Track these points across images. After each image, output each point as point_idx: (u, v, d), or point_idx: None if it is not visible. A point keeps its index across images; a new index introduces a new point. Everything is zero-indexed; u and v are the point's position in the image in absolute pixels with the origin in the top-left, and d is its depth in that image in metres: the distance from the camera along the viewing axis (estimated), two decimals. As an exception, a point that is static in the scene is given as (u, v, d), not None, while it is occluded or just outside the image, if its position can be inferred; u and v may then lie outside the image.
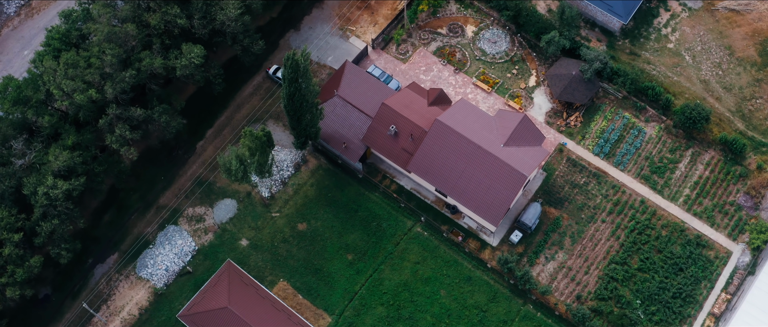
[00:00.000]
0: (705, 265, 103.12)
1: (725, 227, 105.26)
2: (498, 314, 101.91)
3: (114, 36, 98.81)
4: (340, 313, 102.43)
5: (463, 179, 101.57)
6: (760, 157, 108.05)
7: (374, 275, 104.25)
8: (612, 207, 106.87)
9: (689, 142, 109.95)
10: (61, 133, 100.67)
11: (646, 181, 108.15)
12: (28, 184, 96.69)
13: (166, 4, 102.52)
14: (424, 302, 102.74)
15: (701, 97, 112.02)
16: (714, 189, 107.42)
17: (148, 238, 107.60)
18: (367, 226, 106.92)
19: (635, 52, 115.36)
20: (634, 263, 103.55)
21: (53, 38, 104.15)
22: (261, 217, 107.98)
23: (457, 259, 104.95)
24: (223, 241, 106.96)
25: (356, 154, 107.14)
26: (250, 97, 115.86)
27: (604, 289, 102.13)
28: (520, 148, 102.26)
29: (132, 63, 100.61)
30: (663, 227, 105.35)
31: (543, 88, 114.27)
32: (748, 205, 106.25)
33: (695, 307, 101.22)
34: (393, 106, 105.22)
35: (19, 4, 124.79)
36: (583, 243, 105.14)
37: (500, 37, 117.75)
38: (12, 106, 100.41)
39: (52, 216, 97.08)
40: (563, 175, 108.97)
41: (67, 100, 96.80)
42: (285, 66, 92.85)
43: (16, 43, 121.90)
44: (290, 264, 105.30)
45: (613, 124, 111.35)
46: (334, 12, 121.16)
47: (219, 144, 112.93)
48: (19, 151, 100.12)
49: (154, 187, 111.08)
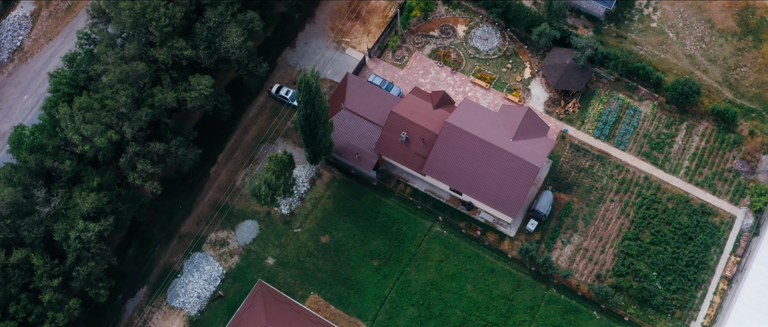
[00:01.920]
0: (712, 231, 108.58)
1: (726, 193, 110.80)
2: (524, 301, 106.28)
3: (125, 76, 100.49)
4: (373, 318, 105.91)
5: (477, 177, 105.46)
6: (750, 122, 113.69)
7: (401, 278, 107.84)
8: (618, 186, 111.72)
9: (683, 116, 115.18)
10: (83, 175, 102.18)
11: (647, 157, 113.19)
12: (58, 231, 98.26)
13: (171, 38, 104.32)
14: (453, 298, 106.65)
15: (689, 72, 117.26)
16: (711, 158, 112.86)
17: (176, 268, 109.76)
18: (387, 231, 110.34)
19: (621, 34, 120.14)
20: (646, 237, 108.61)
21: (61, 83, 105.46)
22: (283, 235, 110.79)
23: (479, 253, 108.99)
24: (249, 262, 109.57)
25: (370, 163, 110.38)
26: (256, 117, 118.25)
27: (621, 265, 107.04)
28: (528, 140, 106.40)
29: (144, 100, 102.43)
30: (668, 200, 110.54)
31: (538, 78, 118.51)
32: (745, 170, 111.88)
33: (708, 273, 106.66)
34: (401, 113, 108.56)
35: (11, 50, 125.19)
36: (595, 224, 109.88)
37: (491, 33, 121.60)
38: (29, 155, 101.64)
39: (87, 258, 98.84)
40: (568, 161, 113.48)
41: (88, 144, 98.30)
42: (299, 89, 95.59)
43: (13, 89, 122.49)
44: (318, 276, 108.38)
45: (609, 107, 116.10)
46: (327, 25, 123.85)
47: (232, 167, 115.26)
48: (42, 198, 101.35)
49: (174, 217, 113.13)
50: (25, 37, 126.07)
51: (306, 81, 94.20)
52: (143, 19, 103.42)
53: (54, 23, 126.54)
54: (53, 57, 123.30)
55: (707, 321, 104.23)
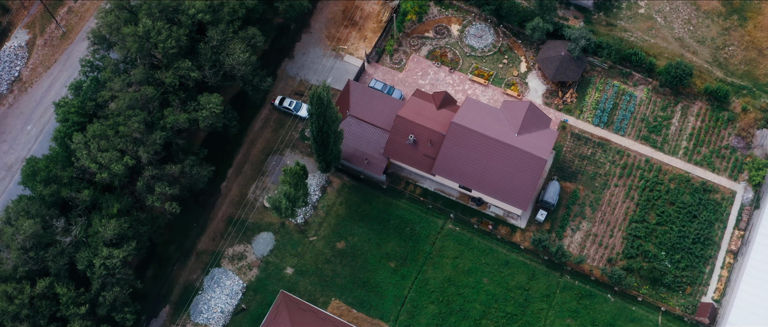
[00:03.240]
0: (714, 207, 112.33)
1: (725, 170, 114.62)
2: (540, 290, 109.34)
3: (135, 101, 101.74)
4: (395, 318, 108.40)
5: (487, 173, 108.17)
6: (742, 99, 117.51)
7: (419, 277, 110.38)
8: (621, 171, 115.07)
9: (677, 98, 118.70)
10: (100, 202, 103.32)
11: (646, 141, 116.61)
12: (81, 259, 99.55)
13: (176, 60, 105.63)
14: (471, 293, 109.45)
15: (679, 54, 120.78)
16: (708, 137, 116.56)
17: (196, 285, 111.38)
18: (401, 232, 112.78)
19: (611, 22, 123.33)
20: (652, 219, 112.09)
21: (69, 113, 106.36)
22: (300, 244, 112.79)
23: (492, 246, 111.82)
24: (269, 274, 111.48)
25: (380, 168, 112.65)
26: (262, 130, 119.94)
27: (630, 247, 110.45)
28: (533, 133, 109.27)
29: (156, 123, 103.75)
30: (670, 181, 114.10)
31: (535, 71, 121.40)
32: (740, 146, 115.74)
33: (714, 248, 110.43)
34: (407, 117, 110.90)
35: (9, 81, 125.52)
36: (602, 209, 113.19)
37: (485, 30, 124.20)
38: (44, 187, 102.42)
39: (111, 284, 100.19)
40: (570, 150, 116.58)
41: (105, 171, 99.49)
42: (311, 103, 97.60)
43: (16, 120, 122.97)
44: (338, 282, 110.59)
45: (605, 94, 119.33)
46: (323, 34, 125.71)
47: (242, 182, 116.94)
48: (61, 228, 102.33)
49: (189, 235, 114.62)
50: (22, 67, 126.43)
51: (318, 94, 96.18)
52: (147, 44, 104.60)
53: (50, 51, 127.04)
54: (53, 85, 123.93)
55: (717, 295, 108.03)
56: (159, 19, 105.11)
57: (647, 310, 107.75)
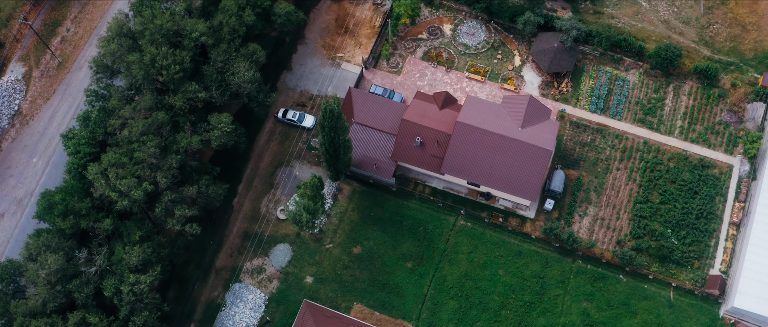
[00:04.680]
0: (714, 182, 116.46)
1: (721, 145, 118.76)
2: (554, 277, 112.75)
3: (147, 128, 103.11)
4: (417, 317, 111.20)
5: (495, 168, 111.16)
6: (731, 75, 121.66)
7: (436, 274, 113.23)
8: (621, 154, 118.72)
9: (668, 79, 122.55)
10: (121, 230, 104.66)
11: (642, 123, 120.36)
12: (108, 287, 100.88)
13: (183, 83, 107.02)
14: (488, 285, 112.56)
15: (666, 36, 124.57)
16: (701, 114, 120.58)
17: (218, 302, 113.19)
18: (415, 232, 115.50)
19: (598, 10, 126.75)
20: (655, 198, 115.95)
21: (80, 144, 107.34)
22: (317, 252, 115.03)
23: (504, 238, 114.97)
24: (289, 285, 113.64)
25: (389, 172, 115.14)
26: (268, 143, 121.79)
27: (637, 228, 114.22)
28: (535, 126, 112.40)
29: (169, 147, 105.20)
30: (669, 160, 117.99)
31: (529, 64, 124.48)
32: (733, 121, 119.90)
33: (717, 222, 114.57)
34: (412, 119, 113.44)
35: (10, 115, 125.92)
36: (607, 193, 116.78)
37: (476, 28, 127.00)
38: (63, 220, 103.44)
39: (140, 309, 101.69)
40: (571, 138, 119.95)
41: (125, 199, 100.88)
42: (323, 116, 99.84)
43: (20, 153, 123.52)
44: (358, 286, 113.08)
45: (599, 81, 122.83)
46: (318, 44, 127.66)
47: (253, 196, 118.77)
48: (84, 258, 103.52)
49: (207, 253, 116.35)
50: (21, 100, 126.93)
51: (330, 108, 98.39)
52: (153, 69, 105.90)
53: (48, 82, 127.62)
54: (54, 116, 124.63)
55: (724, 266, 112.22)
56: (162, 45, 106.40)
57: (659, 286, 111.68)
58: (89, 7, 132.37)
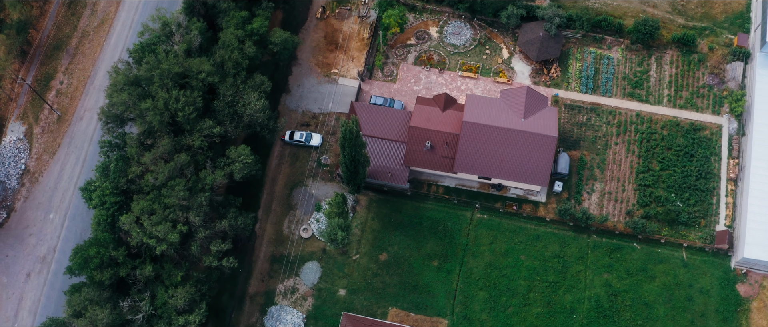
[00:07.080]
0: (707, 143, 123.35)
1: (707, 107, 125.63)
2: (573, 254, 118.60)
3: (172, 172, 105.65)
4: (451, 312, 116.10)
5: (505, 161, 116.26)
6: (707, 40, 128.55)
7: (462, 269, 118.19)
8: (617, 129, 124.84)
9: (649, 51, 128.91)
10: (161, 274, 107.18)
11: (632, 97, 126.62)
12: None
13: (197, 122, 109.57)
14: (512, 272, 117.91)
15: (641, 10, 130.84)
16: (685, 81, 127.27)
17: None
18: (435, 232, 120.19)
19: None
20: (655, 166, 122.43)
21: (105, 195, 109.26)
22: (345, 265, 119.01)
23: (520, 225, 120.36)
24: (324, 300, 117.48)
25: (403, 178, 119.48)
26: (279, 166, 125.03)
27: (643, 196, 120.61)
28: (536, 115, 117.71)
29: (194, 186, 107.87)
30: (662, 128, 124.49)
31: (517, 55, 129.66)
32: (716, 82, 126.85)
33: (715, 180, 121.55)
34: (419, 125, 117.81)
35: (18, 175, 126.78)
36: (610, 168, 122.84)
37: (461, 27, 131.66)
38: (101, 272, 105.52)
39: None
40: (567, 121, 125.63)
41: (164, 244, 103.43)
42: (343, 136, 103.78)
43: (36, 211, 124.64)
44: (390, 292, 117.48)
45: (585, 62, 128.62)
46: (311, 63, 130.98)
47: (274, 219, 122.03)
48: (127, 307, 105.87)
49: (238, 282, 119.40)
50: (27, 159, 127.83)
51: (349, 128, 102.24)
52: (167, 113, 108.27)
53: (51, 137, 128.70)
54: (64, 169, 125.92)
55: (728, 221, 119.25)
56: (172, 88, 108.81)
57: (671, 249, 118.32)
58: (79, 57, 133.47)
